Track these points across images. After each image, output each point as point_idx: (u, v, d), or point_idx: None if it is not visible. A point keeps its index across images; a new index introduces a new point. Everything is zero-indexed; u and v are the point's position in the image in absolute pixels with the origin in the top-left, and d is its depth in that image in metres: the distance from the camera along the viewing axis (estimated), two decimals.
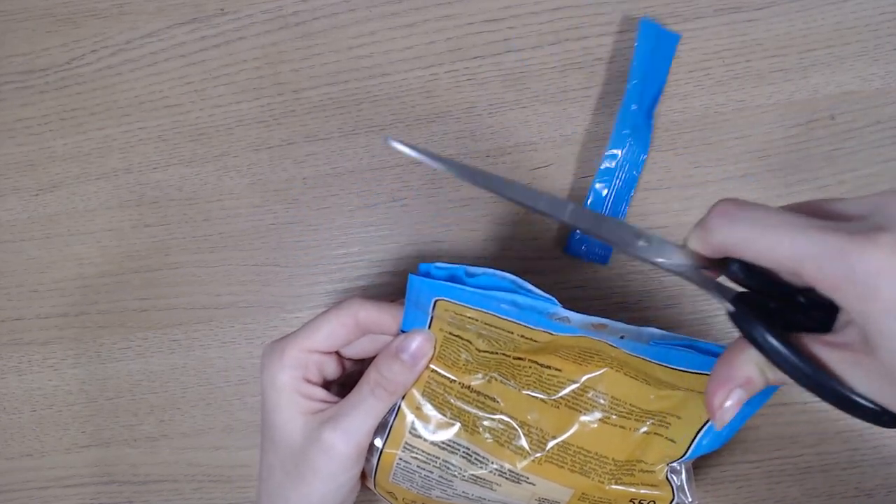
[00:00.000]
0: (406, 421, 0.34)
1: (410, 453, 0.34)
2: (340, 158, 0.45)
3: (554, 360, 0.33)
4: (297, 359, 0.34)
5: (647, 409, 0.34)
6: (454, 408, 0.34)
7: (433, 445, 0.34)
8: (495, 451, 0.34)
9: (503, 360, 0.33)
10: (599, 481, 0.34)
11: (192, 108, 0.46)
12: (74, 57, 0.46)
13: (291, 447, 0.34)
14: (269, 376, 0.34)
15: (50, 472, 0.47)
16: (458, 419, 0.34)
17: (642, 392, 0.33)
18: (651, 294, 0.44)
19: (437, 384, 0.34)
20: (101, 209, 0.46)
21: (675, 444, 0.34)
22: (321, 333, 0.33)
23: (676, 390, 0.33)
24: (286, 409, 0.34)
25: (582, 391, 0.33)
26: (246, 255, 0.46)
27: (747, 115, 0.43)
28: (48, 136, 0.46)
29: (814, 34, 0.43)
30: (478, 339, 0.33)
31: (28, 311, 0.47)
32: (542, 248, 0.44)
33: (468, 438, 0.34)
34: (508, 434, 0.34)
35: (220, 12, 0.45)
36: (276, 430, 0.34)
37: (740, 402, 0.27)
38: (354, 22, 0.45)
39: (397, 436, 0.34)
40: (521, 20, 0.44)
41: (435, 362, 0.34)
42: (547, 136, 0.44)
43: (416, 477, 0.34)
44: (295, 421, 0.33)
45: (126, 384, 0.46)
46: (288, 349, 0.34)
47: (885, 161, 0.42)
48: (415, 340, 0.33)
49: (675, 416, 0.34)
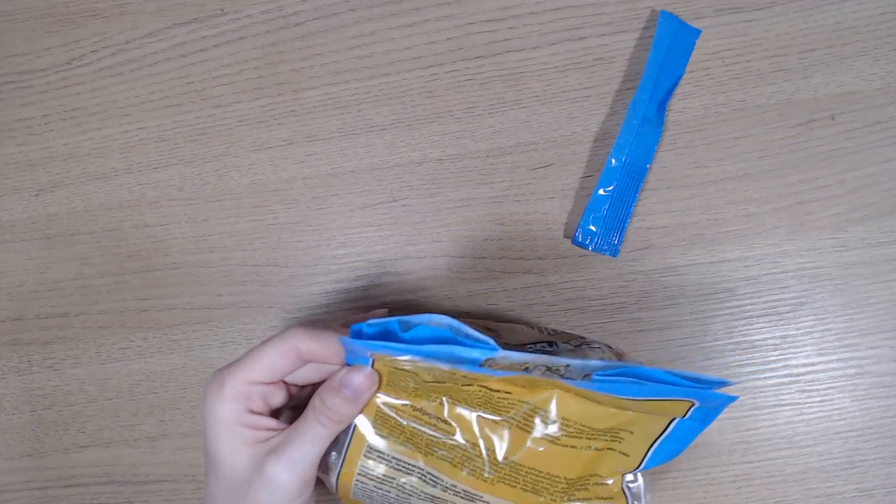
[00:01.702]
0: (361, 443, 0.34)
1: (366, 475, 0.34)
2: (340, 158, 0.45)
3: (503, 385, 0.33)
4: (238, 391, 0.33)
5: (597, 428, 0.34)
6: (407, 430, 0.34)
7: (388, 467, 0.34)
8: (449, 472, 0.34)
9: (452, 387, 0.33)
10: (552, 499, 0.34)
11: (192, 108, 0.46)
12: (75, 57, 0.46)
13: (235, 480, 0.33)
14: (210, 409, 0.33)
15: (49, 472, 0.47)
16: (411, 441, 0.34)
17: (592, 411, 0.33)
18: (651, 294, 0.44)
19: (389, 407, 0.34)
20: (101, 209, 0.46)
21: (629, 458, 0.34)
22: (261, 366, 0.33)
23: (626, 410, 0.33)
24: (228, 442, 0.33)
25: (532, 412, 0.33)
26: (246, 255, 0.46)
27: (747, 115, 0.43)
28: (48, 135, 0.46)
29: (814, 34, 0.43)
30: (423, 372, 0.33)
31: (28, 311, 0.47)
32: (543, 248, 0.44)
33: (423, 460, 0.34)
34: (461, 455, 0.34)
35: (220, 12, 0.45)
36: (219, 462, 0.33)
37: None
38: (354, 22, 0.45)
39: (353, 457, 0.34)
40: (522, 20, 0.44)
41: (384, 389, 0.33)
42: (547, 136, 0.44)
43: (375, 496, 0.35)
44: (238, 453, 0.33)
45: (126, 384, 0.46)
46: (228, 381, 0.33)
47: (886, 161, 0.43)
48: (357, 377, 0.32)
49: (627, 431, 0.34)
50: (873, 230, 0.43)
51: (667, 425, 0.33)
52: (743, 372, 0.43)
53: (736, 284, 0.43)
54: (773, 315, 0.43)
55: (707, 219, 0.43)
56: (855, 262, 0.43)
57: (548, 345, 0.40)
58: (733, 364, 0.43)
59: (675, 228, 0.43)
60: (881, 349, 0.43)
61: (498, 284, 0.44)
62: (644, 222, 0.44)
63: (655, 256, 0.44)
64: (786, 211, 0.43)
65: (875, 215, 0.43)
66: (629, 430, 0.34)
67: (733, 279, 0.43)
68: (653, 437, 0.34)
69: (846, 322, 0.43)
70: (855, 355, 0.43)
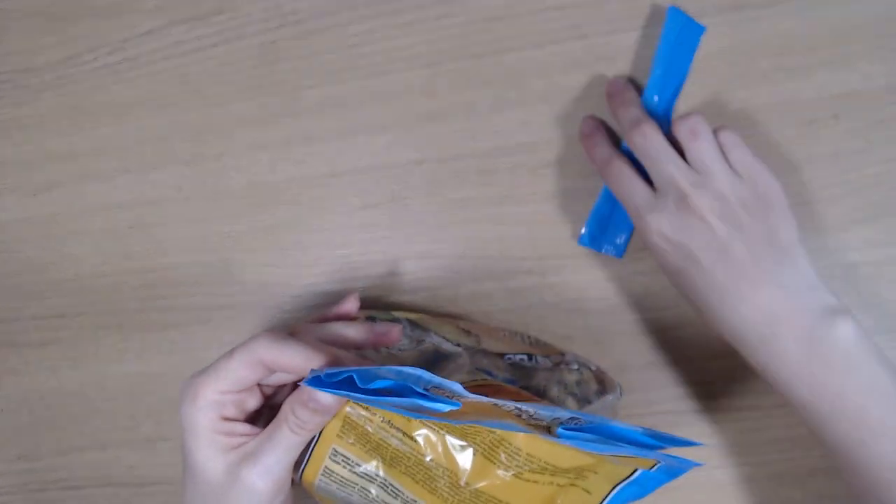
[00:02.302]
0: (327, 445, 0.34)
1: (329, 477, 0.34)
2: (340, 158, 0.45)
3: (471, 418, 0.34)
4: (210, 400, 0.33)
5: (562, 467, 0.34)
6: (374, 439, 0.34)
7: (351, 472, 0.34)
8: (410, 487, 0.34)
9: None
10: None
11: (190, 108, 0.45)
12: (71, 55, 0.46)
13: (211, 485, 0.34)
14: (186, 417, 0.34)
15: (47, 474, 0.46)
16: (376, 451, 0.34)
17: (558, 452, 0.34)
18: (652, 296, 0.43)
19: (357, 416, 0.34)
20: (99, 209, 0.46)
21: (591, 496, 0.34)
22: (229, 378, 0.33)
23: (592, 454, 0.33)
24: (204, 449, 0.34)
25: (498, 443, 0.34)
26: (245, 255, 0.45)
27: (749, 114, 0.43)
28: (45, 135, 0.46)
29: (818, 33, 0.42)
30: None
31: (25, 312, 0.46)
32: (543, 248, 0.44)
33: (385, 471, 0.34)
34: (425, 473, 0.34)
35: (218, 10, 0.45)
36: (196, 469, 0.34)
37: None
38: (354, 21, 0.45)
39: (318, 457, 0.34)
40: (522, 18, 0.44)
41: (351, 404, 0.34)
42: (547, 136, 0.44)
43: (338, 495, 0.35)
44: (214, 460, 0.34)
45: (124, 386, 0.46)
46: (201, 390, 0.33)
47: (889, 160, 0.42)
48: (324, 395, 0.33)
49: (592, 471, 0.34)
50: (877, 230, 0.42)
51: (631, 472, 0.33)
52: (746, 372, 0.43)
53: None
54: None
55: None
56: (857, 262, 0.42)
57: (527, 357, 0.40)
58: (736, 365, 0.43)
59: None
60: (882, 349, 0.43)
61: (499, 285, 0.44)
62: None
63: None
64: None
65: (878, 215, 0.42)
66: (594, 471, 0.34)
67: None
68: (616, 480, 0.34)
69: None
70: None
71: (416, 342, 0.40)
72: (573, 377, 0.39)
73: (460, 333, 0.41)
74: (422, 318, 0.42)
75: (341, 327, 0.37)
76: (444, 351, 0.39)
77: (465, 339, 0.41)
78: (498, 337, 0.42)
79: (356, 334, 0.36)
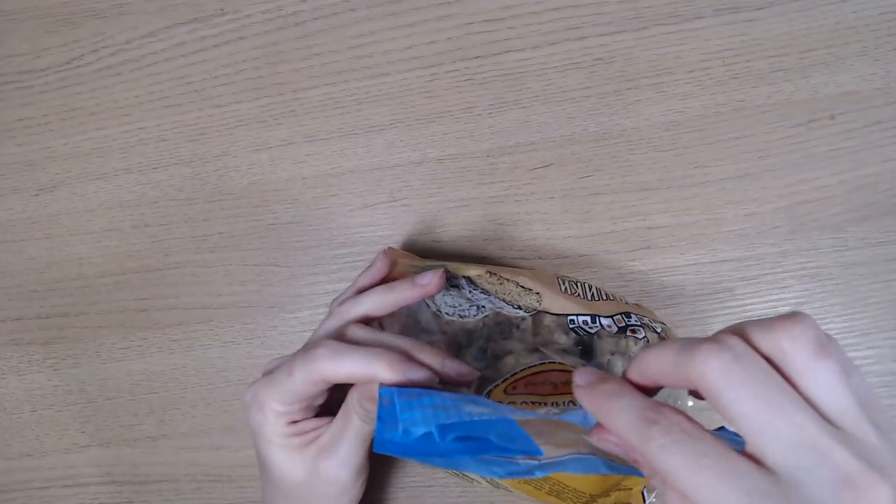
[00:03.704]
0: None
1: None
2: (340, 158, 0.45)
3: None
4: (277, 411, 0.35)
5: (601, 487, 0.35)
6: None
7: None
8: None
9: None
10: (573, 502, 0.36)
11: (192, 108, 0.46)
12: (74, 57, 0.46)
13: (295, 483, 0.35)
14: (255, 425, 0.35)
15: (50, 472, 0.47)
16: None
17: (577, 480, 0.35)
18: (651, 294, 0.44)
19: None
20: (101, 209, 0.46)
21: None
22: (293, 392, 0.34)
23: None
24: (279, 452, 0.35)
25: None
26: (246, 255, 0.46)
27: (747, 115, 0.43)
28: (48, 135, 0.46)
29: (814, 34, 0.43)
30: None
31: (28, 311, 0.47)
32: (543, 248, 0.44)
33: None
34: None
35: (219, 12, 0.45)
36: (275, 471, 0.36)
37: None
38: (354, 22, 0.45)
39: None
40: (521, 20, 0.44)
41: None
42: (547, 136, 0.44)
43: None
44: (291, 460, 0.35)
45: (126, 384, 0.46)
46: (267, 402, 0.34)
47: (886, 161, 0.42)
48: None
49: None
50: (873, 230, 0.43)
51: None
52: None
53: (736, 284, 0.43)
54: (774, 315, 0.43)
55: (707, 219, 0.43)
56: (855, 261, 0.43)
57: (590, 319, 0.38)
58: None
59: (675, 228, 0.43)
60: (881, 349, 0.43)
61: None
62: (644, 222, 0.44)
63: (655, 256, 0.44)
64: (786, 211, 0.43)
65: (875, 215, 0.43)
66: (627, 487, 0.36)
67: (733, 279, 0.43)
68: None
69: (846, 322, 0.43)
70: (855, 355, 0.43)
71: (476, 307, 0.39)
72: (638, 348, 0.37)
73: (521, 293, 0.39)
74: (481, 277, 0.39)
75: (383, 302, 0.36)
76: (506, 316, 0.39)
77: (526, 299, 0.38)
78: (559, 291, 0.39)
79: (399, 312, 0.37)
